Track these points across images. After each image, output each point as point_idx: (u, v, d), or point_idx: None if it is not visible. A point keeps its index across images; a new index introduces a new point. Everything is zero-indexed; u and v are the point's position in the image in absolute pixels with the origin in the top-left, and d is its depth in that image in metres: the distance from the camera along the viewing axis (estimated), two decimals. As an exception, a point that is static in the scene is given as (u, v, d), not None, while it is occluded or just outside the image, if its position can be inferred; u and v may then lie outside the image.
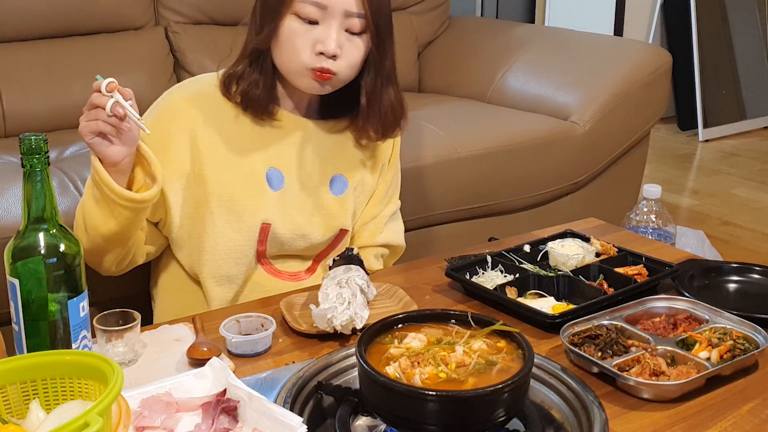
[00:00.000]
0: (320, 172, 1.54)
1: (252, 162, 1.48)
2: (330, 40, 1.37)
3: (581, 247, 1.53)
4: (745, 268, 1.51)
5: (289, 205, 1.50)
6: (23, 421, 0.91)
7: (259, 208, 1.47)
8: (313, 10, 1.37)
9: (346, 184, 1.56)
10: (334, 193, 1.55)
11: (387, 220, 1.64)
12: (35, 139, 1.01)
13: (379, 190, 1.62)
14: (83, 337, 1.08)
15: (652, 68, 2.66)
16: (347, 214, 1.56)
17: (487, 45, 2.91)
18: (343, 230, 1.56)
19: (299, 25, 1.38)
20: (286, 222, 1.50)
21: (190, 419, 1.02)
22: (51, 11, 2.39)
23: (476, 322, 1.11)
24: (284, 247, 1.52)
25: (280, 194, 1.50)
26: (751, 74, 4.74)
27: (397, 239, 1.67)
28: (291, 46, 1.39)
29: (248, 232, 1.47)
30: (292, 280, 1.55)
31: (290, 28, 1.39)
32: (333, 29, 1.38)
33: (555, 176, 2.44)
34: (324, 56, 1.38)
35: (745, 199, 3.66)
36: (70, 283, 1.06)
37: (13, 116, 2.27)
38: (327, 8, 1.37)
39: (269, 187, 1.49)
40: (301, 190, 1.52)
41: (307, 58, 1.39)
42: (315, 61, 1.39)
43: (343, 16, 1.38)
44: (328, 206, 1.54)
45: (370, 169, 1.60)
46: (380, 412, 1.02)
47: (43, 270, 1.03)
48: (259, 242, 1.49)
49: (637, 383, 1.12)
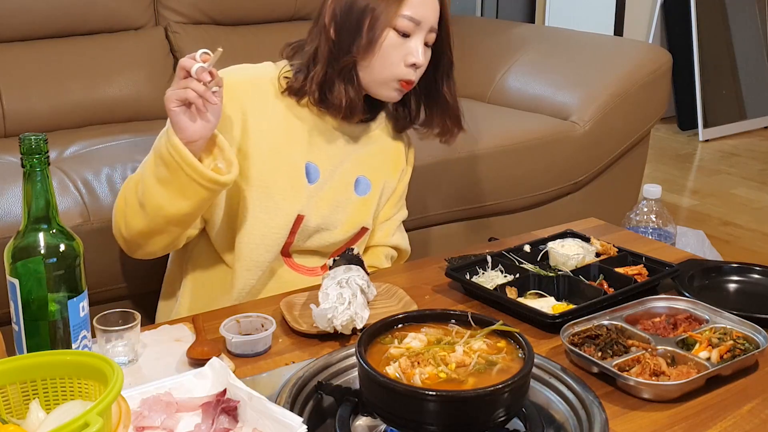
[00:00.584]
0: (348, 172, 1.59)
1: (294, 154, 1.52)
2: (420, 54, 1.47)
3: (581, 247, 1.53)
4: (745, 268, 1.51)
5: (321, 200, 1.55)
6: (23, 421, 0.91)
7: (297, 199, 1.51)
8: (409, 25, 1.46)
9: (369, 186, 1.61)
10: (358, 194, 1.60)
11: (398, 224, 1.71)
12: (35, 139, 1.01)
13: (397, 191, 1.69)
14: (83, 337, 1.08)
15: (652, 68, 2.66)
16: (370, 213, 1.61)
17: (487, 45, 2.91)
18: (364, 228, 1.61)
19: (396, 39, 1.46)
20: (317, 215, 1.54)
21: (190, 419, 1.02)
22: (51, 11, 2.39)
23: (476, 322, 1.11)
24: (309, 239, 1.55)
25: (315, 188, 1.54)
26: (751, 74, 4.74)
27: (406, 244, 1.74)
28: (386, 59, 1.47)
29: (284, 221, 1.51)
30: (309, 275, 1.57)
31: (389, 41, 1.46)
32: (421, 43, 1.47)
33: (555, 176, 2.44)
34: (414, 68, 1.48)
35: (745, 199, 3.67)
36: (70, 283, 1.05)
37: (13, 116, 2.27)
38: (420, 23, 1.46)
39: (307, 180, 1.53)
40: (332, 186, 1.56)
41: (399, 70, 1.48)
42: (406, 73, 1.48)
43: (428, 31, 1.48)
44: (354, 205, 1.58)
45: (391, 171, 1.66)
46: (380, 412, 1.02)
47: (43, 270, 1.03)
48: (291, 233, 1.53)
49: (637, 383, 1.12)
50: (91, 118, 2.36)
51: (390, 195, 1.67)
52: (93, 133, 2.18)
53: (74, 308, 1.06)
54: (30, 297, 1.04)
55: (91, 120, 2.36)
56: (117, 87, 2.41)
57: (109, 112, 2.35)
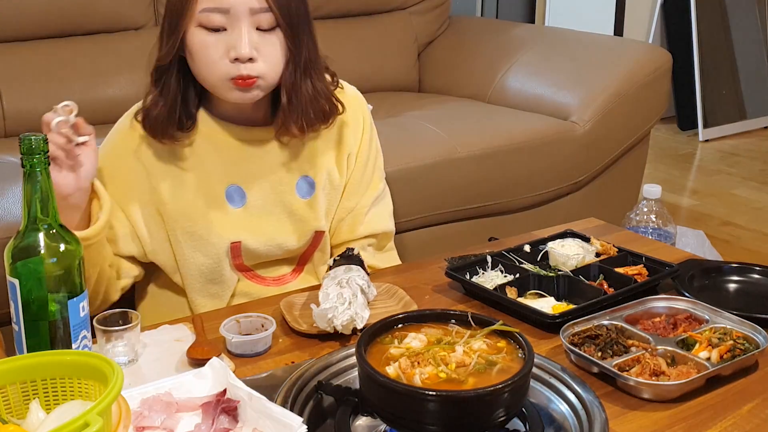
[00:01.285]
0: (284, 178, 1.48)
1: (208, 182, 1.43)
2: (242, 44, 1.29)
3: (581, 247, 1.53)
4: (745, 268, 1.51)
5: (255, 219, 1.46)
6: (23, 421, 0.91)
7: (224, 228, 1.44)
8: (216, 18, 1.29)
9: (313, 184, 1.50)
10: (302, 196, 1.49)
11: (367, 209, 1.56)
12: (35, 139, 1.01)
13: (350, 182, 1.54)
14: (83, 337, 1.08)
15: (652, 68, 2.66)
16: (319, 215, 1.51)
17: (487, 45, 2.91)
18: (318, 232, 1.52)
19: (207, 36, 1.31)
20: (256, 236, 1.46)
21: (190, 419, 1.02)
22: (51, 11, 2.39)
23: (476, 322, 1.11)
24: (261, 258, 1.50)
25: (244, 210, 1.46)
26: (751, 74, 4.74)
27: (381, 226, 1.58)
28: (205, 59, 1.32)
29: (216, 253, 1.45)
30: (277, 285, 1.53)
31: (199, 40, 1.31)
32: (243, 31, 1.30)
33: (555, 176, 2.44)
34: (240, 62, 1.30)
35: (745, 199, 3.66)
36: (70, 283, 1.06)
37: (13, 116, 2.27)
38: (230, 11, 1.29)
39: (230, 205, 1.45)
40: (267, 200, 1.47)
41: (225, 68, 1.31)
42: (233, 69, 1.31)
43: (249, 15, 1.30)
44: (298, 211, 1.49)
45: (335, 163, 1.52)
46: (380, 412, 1.02)
47: (43, 270, 1.03)
48: (234, 258, 1.47)
49: (637, 383, 1.12)
50: (91, 118, 2.34)
51: (341, 188, 1.53)
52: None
53: (74, 308, 1.06)
54: (30, 297, 1.04)
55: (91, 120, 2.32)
56: (117, 87, 2.42)
57: (109, 112, 2.35)
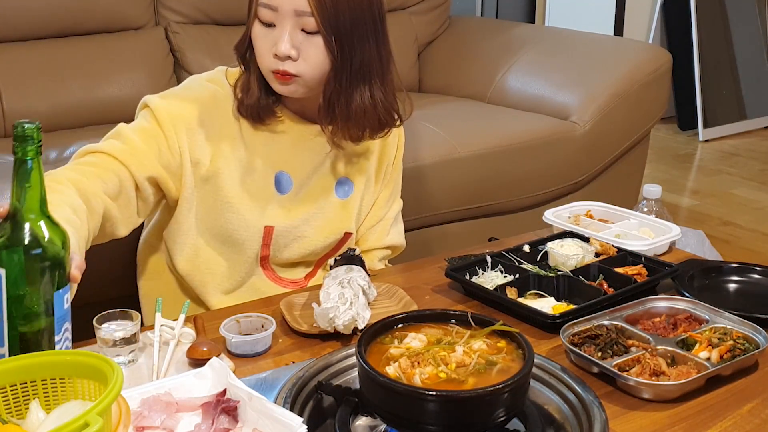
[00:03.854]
0: (328, 176, 1.53)
1: (261, 165, 1.47)
2: (281, 42, 1.35)
3: (581, 247, 1.53)
4: (745, 268, 1.51)
5: (295, 208, 1.50)
6: (23, 421, 0.91)
7: (263, 211, 1.47)
8: (267, 13, 1.36)
9: (351, 187, 1.56)
10: (340, 197, 1.54)
11: (392, 220, 1.65)
12: (29, 126, 0.98)
13: (384, 192, 1.62)
14: (65, 329, 1.06)
15: (652, 68, 2.66)
16: (351, 217, 1.56)
17: (487, 45, 2.91)
18: (347, 233, 1.56)
19: (260, 29, 1.38)
20: (289, 225, 1.49)
21: (190, 419, 1.02)
22: (51, 11, 2.39)
23: (476, 322, 1.11)
24: (287, 250, 1.51)
25: (288, 198, 1.50)
26: (751, 74, 4.74)
27: (400, 240, 1.68)
28: (258, 50, 1.40)
29: (250, 233, 1.47)
30: (293, 287, 1.54)
31: (255, 32, 1.39)
32: (285, 31, 1.35)
33: (555, 176, 2.44)
34: (279, 59, 1.36)
35: (745, 199, 3.66)
36: (56, 275, 1.03)
37: (13, 116, 2.27)
38: (278, 9, 1.35)
39: (277, 190, 1.49)
40: (309, 194, 1.52)
41: (268, 61, 1.38)
42: (274, 64, 1.37)
43: (294, 15, 1.34)
44: (333, 210, 1.54)
45: (375, 171, 1.59)
46: (380, 412, 1.02)
47: (29, 261, 1.01)
48: (263, 245, 1.49)
49: (637, 383, 1.12)
50: (91, 118, 2.36)
51: (376, 196, 1.61)
52: (93, 133, 2.17)
53: (59, 300, 1.04)
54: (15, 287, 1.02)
55: (91, 120, 2.36)
56: (117, 87, 2.42)
57: (109, 112, 2.35)
